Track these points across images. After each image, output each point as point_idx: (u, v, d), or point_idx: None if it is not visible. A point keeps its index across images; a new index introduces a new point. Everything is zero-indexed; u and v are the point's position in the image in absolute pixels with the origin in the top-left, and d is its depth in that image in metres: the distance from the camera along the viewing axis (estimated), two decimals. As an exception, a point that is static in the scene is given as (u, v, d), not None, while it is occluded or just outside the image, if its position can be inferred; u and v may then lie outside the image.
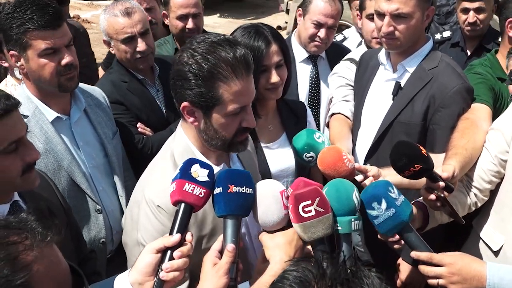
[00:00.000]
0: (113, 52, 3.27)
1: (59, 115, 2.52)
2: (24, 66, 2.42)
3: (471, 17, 3.88)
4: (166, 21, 3.94)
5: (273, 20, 12.23)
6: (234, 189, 1.62)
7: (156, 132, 3.21)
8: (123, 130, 2.98)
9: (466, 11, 3.92)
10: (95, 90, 2.85)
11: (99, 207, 2.58)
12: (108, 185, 2.69)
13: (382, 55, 2.82)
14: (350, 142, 2.81)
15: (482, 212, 2.48)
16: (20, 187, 1.88)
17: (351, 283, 1.00)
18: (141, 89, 3.25)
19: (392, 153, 2.05)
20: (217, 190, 1.64)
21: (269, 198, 1.68)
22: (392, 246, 2.10)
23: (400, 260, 2.38)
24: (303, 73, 3.54)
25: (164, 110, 3.31)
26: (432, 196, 2.08)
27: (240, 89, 1.80)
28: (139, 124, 3.17)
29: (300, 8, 3.57)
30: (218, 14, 13.24)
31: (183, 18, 3.77)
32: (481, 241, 2.46)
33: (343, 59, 3.37)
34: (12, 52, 2.41)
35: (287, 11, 9.48)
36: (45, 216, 1.21)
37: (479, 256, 2.43)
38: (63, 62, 2.43)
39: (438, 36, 4.13)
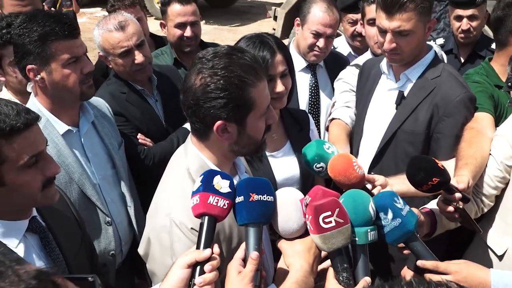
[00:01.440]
0: (111, 66, 3.26)
1: (69, 127, 2.51)
2: (44, 79, 2.41)
3: (465, 24, 3.93)
4: (164, 31, 3.94)
5: (258, 26, 12.29)
6: (255, 197, 1.63)
7: (156, 142, 3.21)
8: (125, 142, 2.96)
9: (459, 18, 3.97)
10: (100, 101, 2.84)
11: (109, 219, 2.58)
12: (116, 196, 2.69)
13: (384, 65, 2.85)
14: (348, 147, 2.85)
15: (486, 217, 2.52)
16: (40, 202, 1.88)
17: None
18: (140, 100, 3.25)
19: (409, 168, 2.07)
20: (239, 199, 1.64)
21: (290, 205, 1.70)
22: (401, 252, 2.13)
23: (405, 269, 2.41)
24: (302, 82, 3.56)
25: (163, 120, 3.32)
26: (451, 208, 2.11)
27: (265, 89, 1.85)
28: (139, 135, 3.16)
29: (298, 18, 3.58)
30: (204, 21, 13.25)
31: (181, 26, 3.76)
32: (485, 246, 2.51)
33: (349, 65, 3.40)
34: (30, 66, 2.38)
35: (275, 18, 9.53)
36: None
37: (483, 261, 2.47)
38: (85, 70, 2.44)
39: (431, 43, 4.17)
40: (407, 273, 2.32)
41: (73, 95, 2.47)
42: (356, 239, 1.71)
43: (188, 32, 3.77)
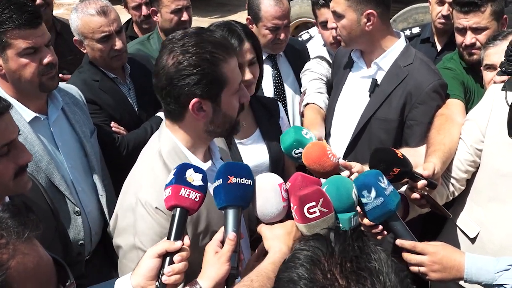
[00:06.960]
0: (85, 51, 3.24)
1: (37, 115, 2.47)
2: (2, 67, 2.37)
3: (446, 9, 3.81)
4: (156, 18, 3.86)
5: (238, 18, 12.21)
6: (233, 180, 1.66)
7: (130, 131, 3.19)
8: (98, 130, 2.93)
9: (441, 3, 3.88)
10: (72, 89, 2.80)
11: (78, 209, 2.54)
12: (87, 185, 2.65)
13: (354, 53, 2.86)
14: (323, 129, 2.85)
15: (458, 201, 2.55)
16: (12, 190, 1.86)
17: (360, 259, 1.01)
18: (113, 87, 3.24)
19: (370, 160, 2.12)
20: (217, 183, 1.68)
21: (269, 191, 1.72)
22: (374, 237, 2.14)
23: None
24: (265, 73, 3.49)
25: (136, 109, 3.31)
26: (416, 195, 2.15)
27: (236, 65, 1.88)
28: (112, 123, 3.15)
29: (249, 16, 3.50)
30: (183, 13, 13.16)
31: (178, 11, 3.72)
32: (457, 229, 2.54)
33: (312, 57, 3.42)
34: None
35: (254, 9, 9.49)
36: (20, 212, 1.19)
37: (456, 244, 2.51)
38: (45, 61, 2.40)
39: (407, 32, 4.09)
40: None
41: (32, 86, 2.42)
42: (340, 225, 1.73)
43: (185, 16, 3.75)
